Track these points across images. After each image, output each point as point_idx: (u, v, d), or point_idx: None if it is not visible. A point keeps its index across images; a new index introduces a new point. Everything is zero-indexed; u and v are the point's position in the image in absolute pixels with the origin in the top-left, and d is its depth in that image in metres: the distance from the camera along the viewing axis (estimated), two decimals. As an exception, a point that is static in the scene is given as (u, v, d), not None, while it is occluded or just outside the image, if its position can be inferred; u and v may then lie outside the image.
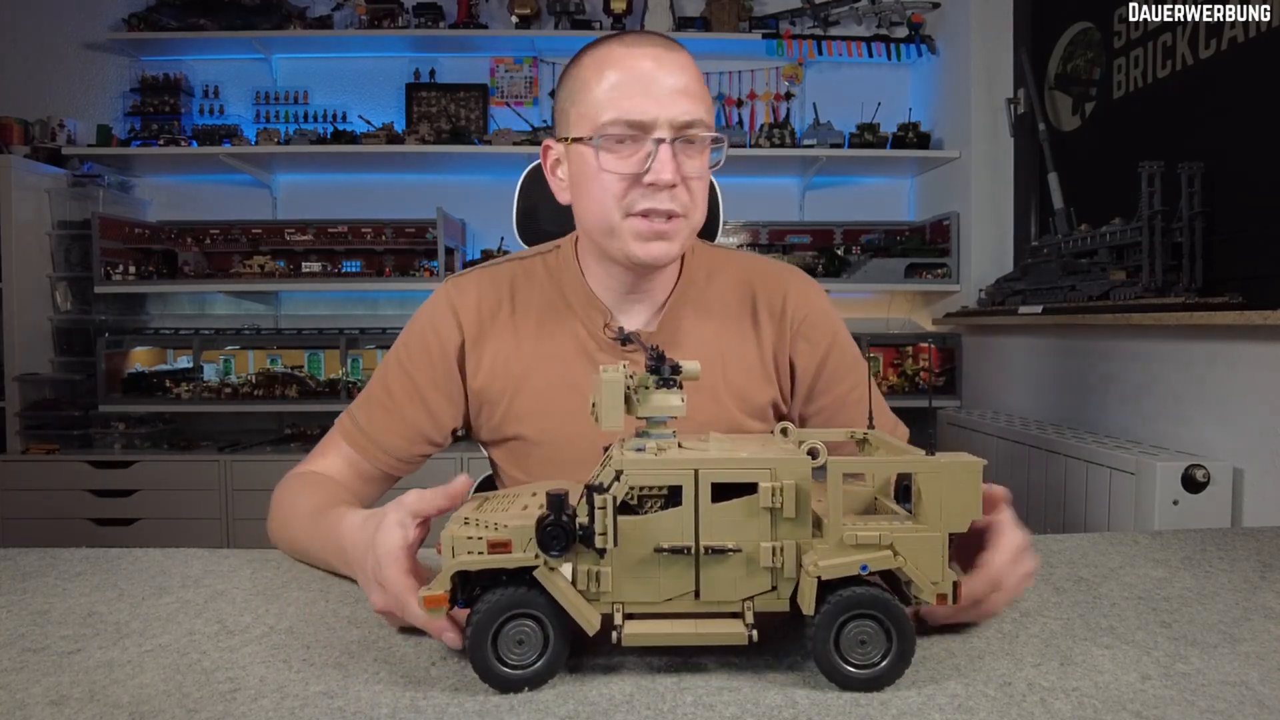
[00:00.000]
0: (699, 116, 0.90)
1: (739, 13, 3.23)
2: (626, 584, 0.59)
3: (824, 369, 1.06)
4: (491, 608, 0.57)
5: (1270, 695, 0.57)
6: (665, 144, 0.88)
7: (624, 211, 0.91)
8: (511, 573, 0.59)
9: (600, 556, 0.58)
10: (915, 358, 3.18)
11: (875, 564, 0.57)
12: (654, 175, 0.88)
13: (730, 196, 1.54)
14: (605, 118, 0.88)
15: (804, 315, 1.06)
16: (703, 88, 0.93)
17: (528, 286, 1.05)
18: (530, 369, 1.01)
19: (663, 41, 0.92)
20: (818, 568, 0.57)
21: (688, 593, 0.59)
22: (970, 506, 0.59)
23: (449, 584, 0.58)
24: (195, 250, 3.20)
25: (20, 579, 0.83)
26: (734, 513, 0.59)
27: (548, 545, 0.56)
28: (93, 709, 0.55)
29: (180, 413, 3.14)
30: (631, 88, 0.88)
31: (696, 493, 0.58)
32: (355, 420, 1.02)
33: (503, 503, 0.65)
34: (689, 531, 0.59)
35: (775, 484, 0.58)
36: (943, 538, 0.59)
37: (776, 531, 0.59)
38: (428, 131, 3.11)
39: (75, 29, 3.33)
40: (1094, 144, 2.48)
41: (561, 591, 0.58)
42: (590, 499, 0.57)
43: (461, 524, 0.60)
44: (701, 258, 1.08)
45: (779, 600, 0.60)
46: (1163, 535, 1.01)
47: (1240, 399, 1.81)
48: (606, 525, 0.57)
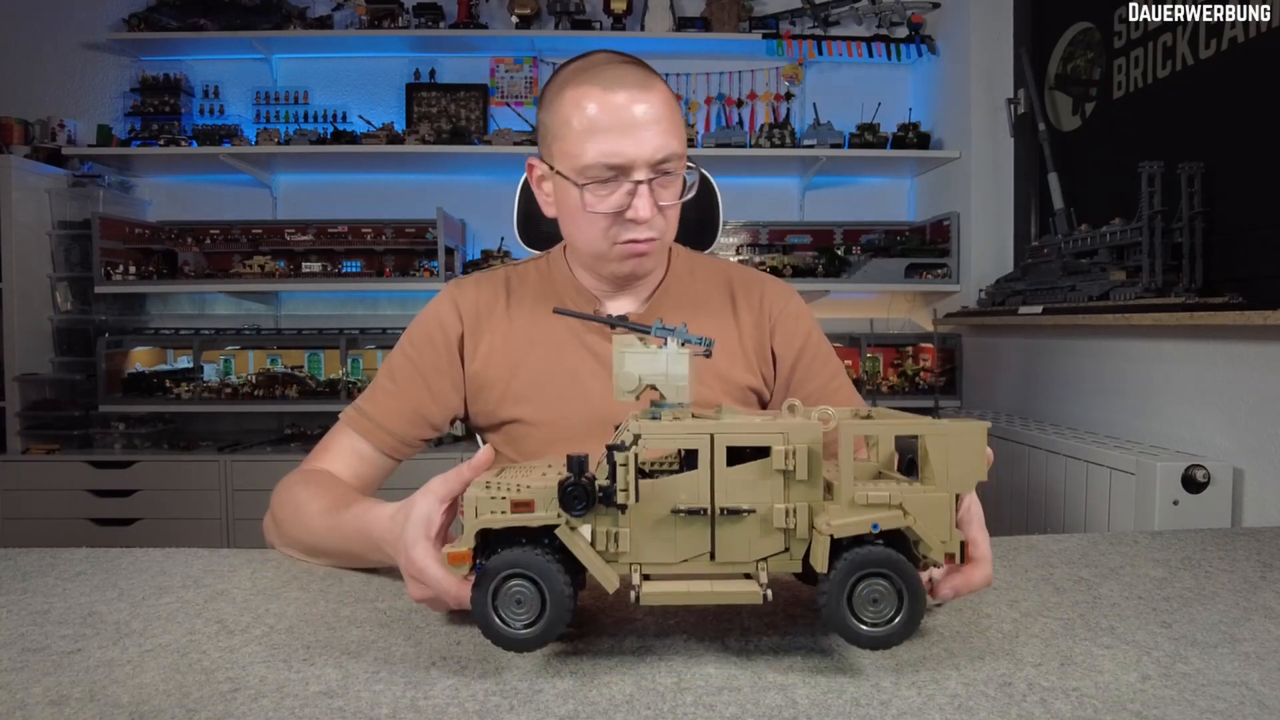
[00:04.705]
0: (673, 150, 0.96)
1: (739, 13, 3.23)
2: (644, 545, 0.61)
3: (801, 359, 1.12)
4: (493, 565, 0.60)
5: (1270, 695, 0.57)
6: (644, 184, 0.94)
7: (610, 241, 0.99)
8: (532, 534, 0.61)
9: (621, 513, 0.60)
10: (915, 358, 3.18)
11: (886, 523, 0.60)
12: (634, 214, 0.96)
13: (730, 196, 1.54)
14: (586, 160, 0.94)
15: (780, 309, 1.14)
16: (676, 116, 0.98)
17: (521, 284, 1.13)
18: (525, 354, 1.07)
19: (638, 77, 0.96)
20: (830, 526, 0.59)
21: (703, 554, 0.61)
22: (975, 468, 0.62)
23: (473, 542, 0.60)
24: (195, 250, 3.20)
25: (20, 579, 0.83)
26: (748, 475, 0.61)
27: (570, 505, 0.59)
28: (93, 709, 0.55)
29: (180, 413, 3.13)
30: (610, 131, 0.93)
31: (713, 456, 0.60)
32: (359, 409, 1.07)
33: (521, 470, 0.67)
34: (705, 494, 0.61)
35: (788, 447, 0.60)
36: (950, 498, 0.61)
37: (789, 494, 0.61)
38: (428, 131, 3.11)
39: (75, 29, 3.33)
40: (1094, 144, 2.48)
41: (582, 551, 0.60)
42: (611, 457, 0.59)
43: (483, 486, 0.61)
44: (684, 258, 1.17)
45: (792, 561, 0.62)
46: (1163, 535, 1.01)
47: (1240, 399, 1.80)
48: (628, 482, 0.59)
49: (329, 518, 0.87)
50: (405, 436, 1.06)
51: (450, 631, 0.69)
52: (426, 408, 1.07)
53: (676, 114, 0.99)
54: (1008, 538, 0.98)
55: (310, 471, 1.01)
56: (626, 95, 0.94)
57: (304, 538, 0.90)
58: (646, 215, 0.95)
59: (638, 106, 0.94)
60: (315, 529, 0.89)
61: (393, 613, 0.74)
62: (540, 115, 1.03)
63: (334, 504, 0.88)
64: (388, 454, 1.06)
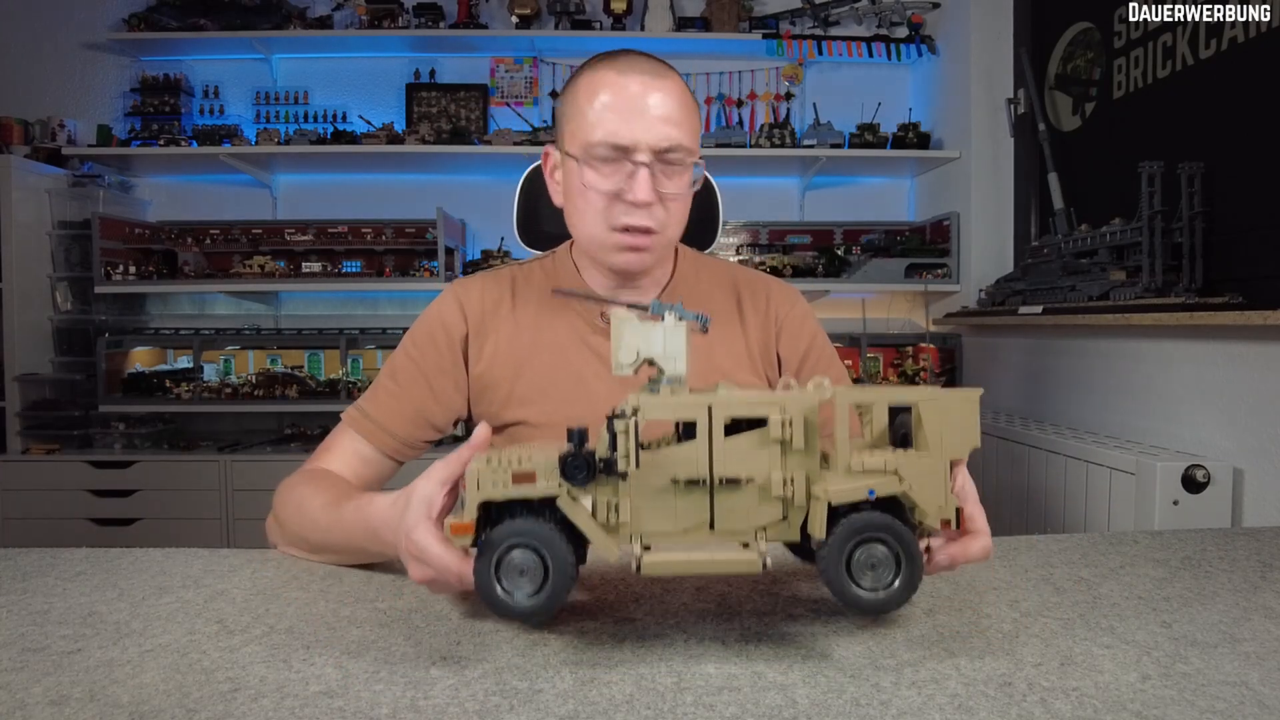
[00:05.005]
0: (680, 141, 0.97)
1: (739, 13, 3.23)
2: (644, 515, 0.62)
3: (806, 362, 1.13)
4: (496, 535, 0.60)
5: (1270, 695, 0.57)
6: (644, 167, 0.95)
7: (607, 225, 0.99)
8: (533, 506, 0.61)
9: (622, 480, 0.61)
10: (915, 358, 3.18)
11: (881, 488, 0.61)
12: (631, 195, 0.96)
13: (730, 196, 1.54)
14: (593, 138, 0.96)
15: (786, 313, 1.15)
16: (688, 112, 0.99)
17: (527, 285, 1.12)
18: (530, 356, 1.07)
19: (654, 68, 0.99)
20: (828, 493, 0.60)
21: (703, 523, 0.62)
22: (969, 435, 0.63)
23: (475, 513, 0.61)
24: (195, 250, 3.20)
25: (20, 579, 0.83)
26: (746, 445, 0.62)
27: (571, 475, 0.59)
28: (93, 709, 0.55)
29: (180, 413, 3.13)
30: (618, 112, 0.95)
31: (710, 427, 0.61)
32: (361, 410, 1.06)
33: (522, 446, 0.68)
34: (704, 464, 0.61)
35: (784, 417, 0.61)
36: (944, 464, 0.62)
37: (787, 462, 0.62)
38: (428, 131, 3.11)
39: (75, 29, 3.33)
40: (1094, 144, 2.48)
41: (583, 521, 0.60)
42: (611, 426, 0.60)
43: (485, 461, 0.62)
44: (690, 259, 1.18)
45: (790, 529, 0.63)
46: (1163, 535, 1.01)
47: (1240, 399, 1.80)
48: (629, 448, 0.59)
49: (331, 512, 0.87)
50: (408, 438, 1.06)
51: (450, 631, 0.69)
52: (429, 409, 1.07)
53: (691, 111, 1.00)
54: (1008, 538, 0.98)
55: (312, 471, 1.01)
56: (640, 82, 0.96)
57: (307, 535, 0.90)
58: (644, 197, 0.95)
59: (650, 94, 0.96)
60: (318, 524, 0.88)
61: (393, 613, 0.74)
62: (557, 106, 1.06)
63: (336, 499, 0.88)
64: (390, 455, 1.05)
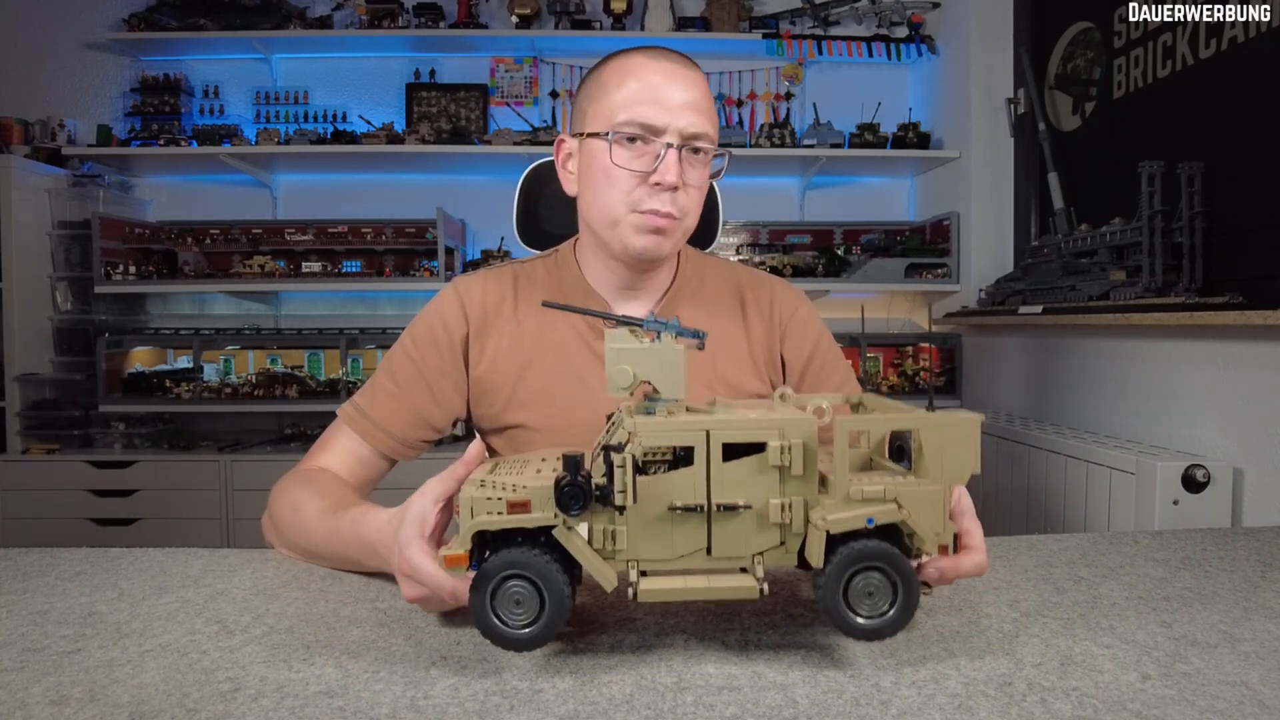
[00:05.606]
0: (705, 131, 0.97)
1: (739, 13, 3.23)
2: (641, 542, 0.61)
3: (811, 365, 1.12)
4: (490, 566, 0.60)
5: (1270, 695, 0.57)
6: (673, 149, 0.95)
7: (629, 207, 0.97)
8: (527, 534, 0.61)
9: (619, 514, 0.60)
10: (915, 358, 3.18)
11: (881, 517, 0.60)
12: (660, 176, 0.95)
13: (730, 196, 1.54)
14: (621, 118, 0.96)
15: (790, 314, 1.14)
16: (712, 106, 1.00)
17: (529, 284, 1.10)
18: (532, 358, 1.05)
19: (681, 59, 1.00)
20: (826, 522, 0.59)
21: (700, 549, 0.62)
22: (969, 460, 0.62)
23: (469, 544, 0.60)
24: (195, 250, 3.20)
25: (20, 579, 0.83)
26: (744, 471, 0.61)
27: (566, 505, 0.58)
28: (93, 709, 0.55)
29: (180, 413, 3.13)
30: (648, 95, 0.95)
31: (709, 452, 0.60)
32: (358, 407, 1.05)
33: (515, 467, 0.67)
34: (701, 490, 0.61)
35: (783, 442, 0.60)
36: (944, 491, 0.61)
37: (785, 488, 0.61)
38: (428, 131, 3.11)
39: (75, 29, 3.33)
40: (1094, 144, 2.48)
41: (579, 550, 0.60)
42: (608, 459, 0.59)
43: (478, 486, 0.61)
44: (694, 260, 1.16)
45: (788, 555, 0.62)
46: (1163, 535, 1.01)
47: (1240, 399, 1.80)
48: (625, 483, 0.58)
49: (327, 520, 0.86)
50: (406, 439, 1.05)
51: (450, 631, 0.69)
52: (428, 410, 1.06)
53: (712, 104, 1.01)
54: (1008, 538, 0.98)
55: (309, 471, 1.00)
56: (669, 69, 0.97)
57: (301, 541, 0.90)
58: (672, 179, 0.94)
59: (678, 82, 0.97)
60: (313, 532, 0.88)
61: (393, 613, 0.74)
62: (576, 96, 1.06)
63: (332, 506, 0.87)
64: (387, 456, 1.05)
